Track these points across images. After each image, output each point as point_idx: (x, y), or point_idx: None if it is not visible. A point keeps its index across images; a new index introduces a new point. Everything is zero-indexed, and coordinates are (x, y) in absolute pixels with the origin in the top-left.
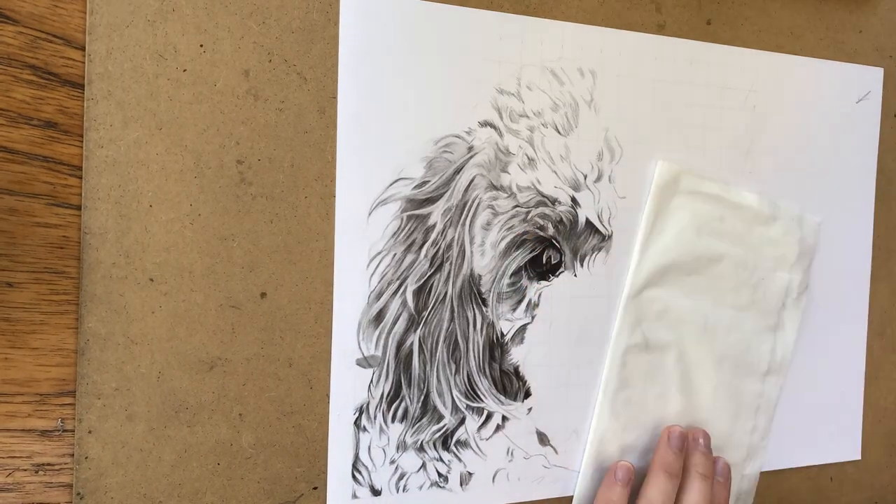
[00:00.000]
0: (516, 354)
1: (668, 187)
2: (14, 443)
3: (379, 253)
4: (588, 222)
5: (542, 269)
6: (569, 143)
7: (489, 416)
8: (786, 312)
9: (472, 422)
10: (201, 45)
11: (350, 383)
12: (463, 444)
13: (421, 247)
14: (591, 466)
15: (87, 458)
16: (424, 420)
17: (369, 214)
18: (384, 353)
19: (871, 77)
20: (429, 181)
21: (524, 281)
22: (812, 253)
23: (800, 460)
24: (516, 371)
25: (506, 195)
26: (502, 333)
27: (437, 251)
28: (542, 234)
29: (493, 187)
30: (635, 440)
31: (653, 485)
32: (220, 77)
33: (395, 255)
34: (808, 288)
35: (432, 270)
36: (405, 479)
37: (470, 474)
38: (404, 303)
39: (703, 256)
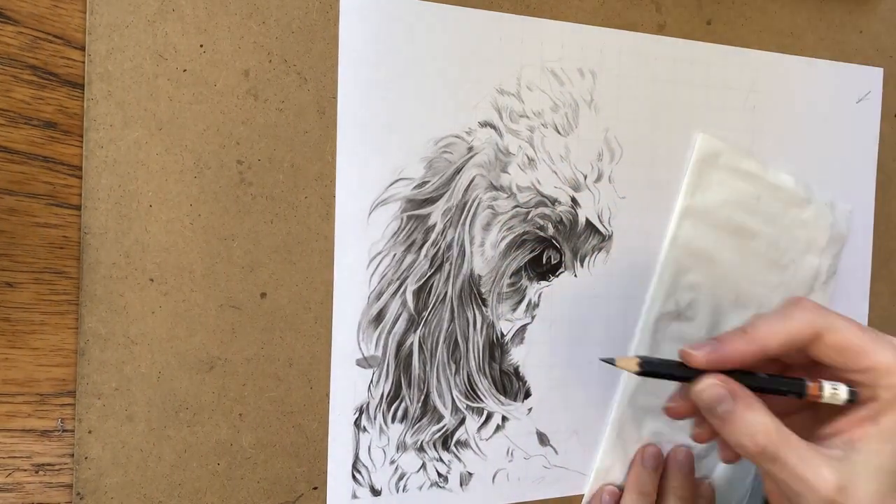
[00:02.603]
0: (516, 355)
1: (707, 161)
2: (14, 443)
3: (379, 253)
4: (588, 222)
5: (542, 269)
6: (569, 143)
7: (489, 416)
8: (814, 296)
9: (472, 422)
10: (201, 45)
11: (350, 383)
12: (463, 444)
13: (421, 247)
14: (616, 430)
15: (87, 458)
16: (424, 420)
17: (369, 215)
18: (384, 353)
19: (871, 77)
20: (429, 181)
21: (524, 281)
22: (843, 240)
23: None
24: (516, 371)
25: (506, 195)
26: (502, 334)
27: (437, 251)
28: (542, 234)
29: (493, 187)
30: (662, 402)
31: None
32: (220, 77)
33: (395, 255)
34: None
35: (432, 271)
36: (405, 479)
37: (470, 474)
38: (404, 303)
39: (737, 232)
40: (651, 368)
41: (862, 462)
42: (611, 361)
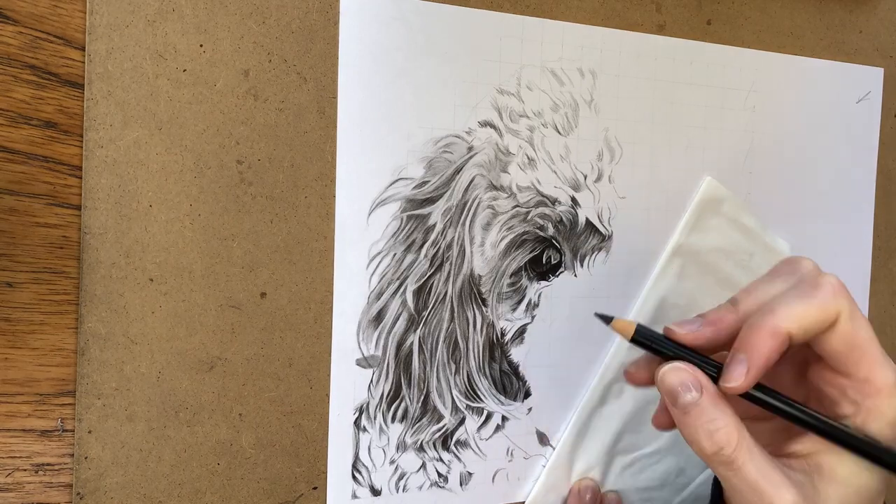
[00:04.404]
0: (516, 354)
1: (709, 206)
2: (14, 443)
3: (379, 253)
4: (588, 222)
5: (542, 269)
6: (569, 143)
7: (489, 416)
8: None
9: (472, 422)
10: (201, 45)
11: (350, 383)
12: (463, 444)
13: (421, 247)
14: (572, 435)
15: (86, 458)
16: (424, 420)
17: (369, 214)
18: (384, 353)
19: (871, 77)
20: (429, 181)
21: (524, 281)
22: None
23: None
24: (516, 371)
25: (506, 195)
26: (502, 333)
27: (436, 251)
28: (542, 234)
29: (493, 187)
30: (620, 428)
31: None
32: (219, 77)
33: (394, 255)
34: None
35: (432, 270)
36: (405, 479)
37: (470, 474)
38: (404, 303)
39: (724, 283)
40: (643, 338)
41: (824, 490)
42: (608, 319)
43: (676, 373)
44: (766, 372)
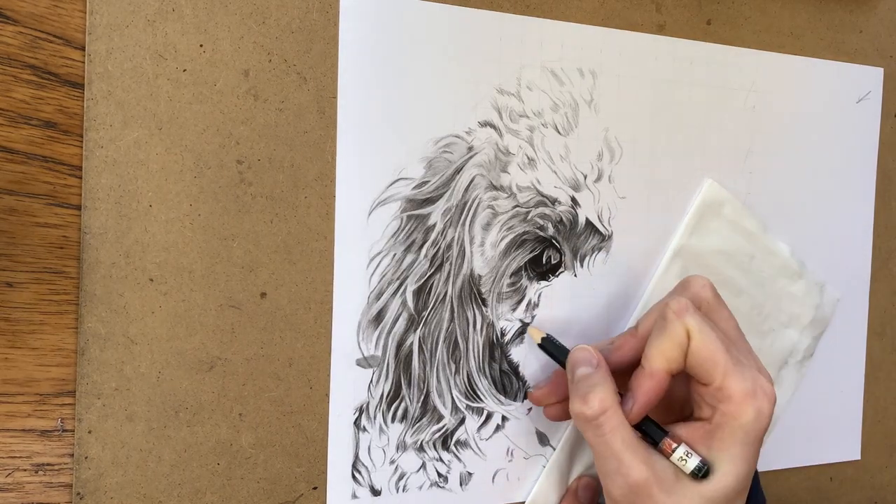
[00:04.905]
0: (516, 354)
1: (710, 208)
2: (14, 443)
3: (379, 253)
4: (588, 222)
5: (542, 269)
6: (569, 143)
7: (489, 416)
8: (786, 371)
9: (472, 422)
10: (201, 45)
11: (350, 383)
12: (463, 444)
13: (421, 247)
14: (572, 435)
15: (86, 458)
16: (424, 420)
17: (369, 214)
18: (384, 353)
19: (871, 77)
20: (429, 181)
21: (524, 281)
22: (825, 324)
23: (800, 460)
24: (516, 371)
25: (506, 195)
26: (502, 333)
27: (436, 251)
28: (542, 233)
29: (493, 187)
30: None
31: None
32: (219, 77)
33: (394, 255)
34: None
35: (432, 270)
36: (405, 479)
37: (470, 474)
38: (404, 303)
39: (725, 285)
40: (548, 346)
41: (674, 473)
42: (526, 324)
43: (582, 351)
44: (653, 405)
